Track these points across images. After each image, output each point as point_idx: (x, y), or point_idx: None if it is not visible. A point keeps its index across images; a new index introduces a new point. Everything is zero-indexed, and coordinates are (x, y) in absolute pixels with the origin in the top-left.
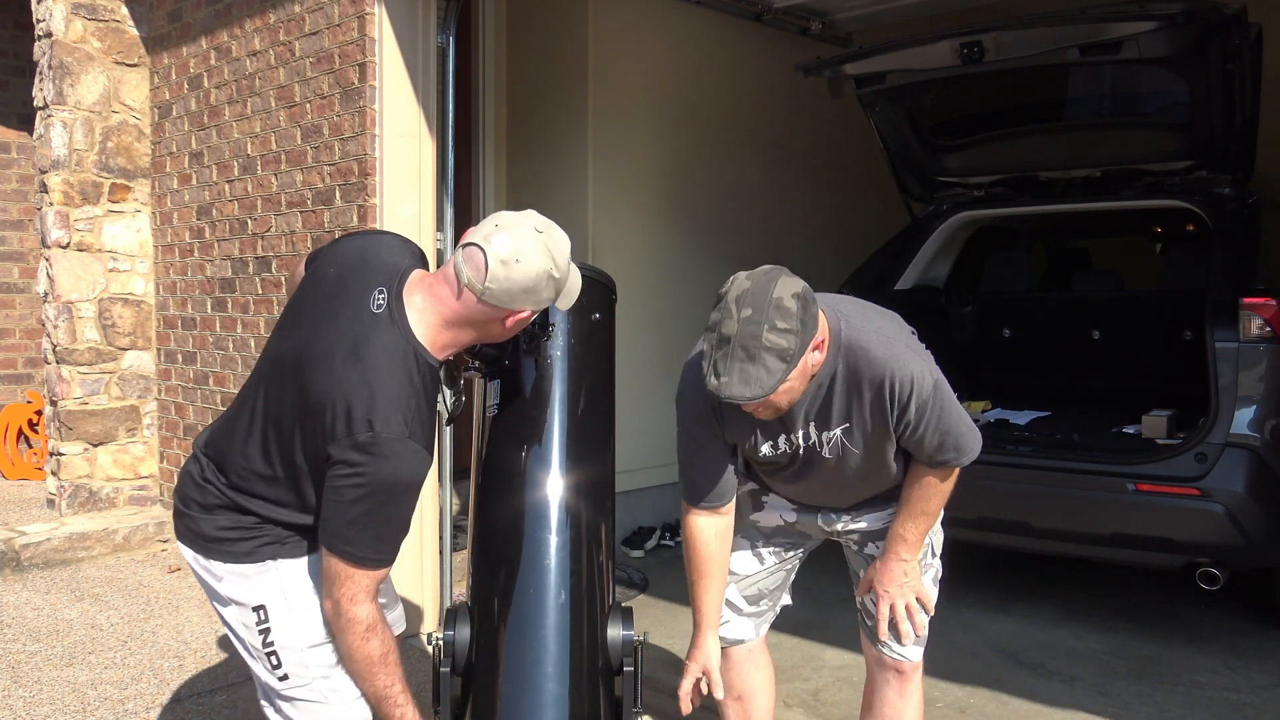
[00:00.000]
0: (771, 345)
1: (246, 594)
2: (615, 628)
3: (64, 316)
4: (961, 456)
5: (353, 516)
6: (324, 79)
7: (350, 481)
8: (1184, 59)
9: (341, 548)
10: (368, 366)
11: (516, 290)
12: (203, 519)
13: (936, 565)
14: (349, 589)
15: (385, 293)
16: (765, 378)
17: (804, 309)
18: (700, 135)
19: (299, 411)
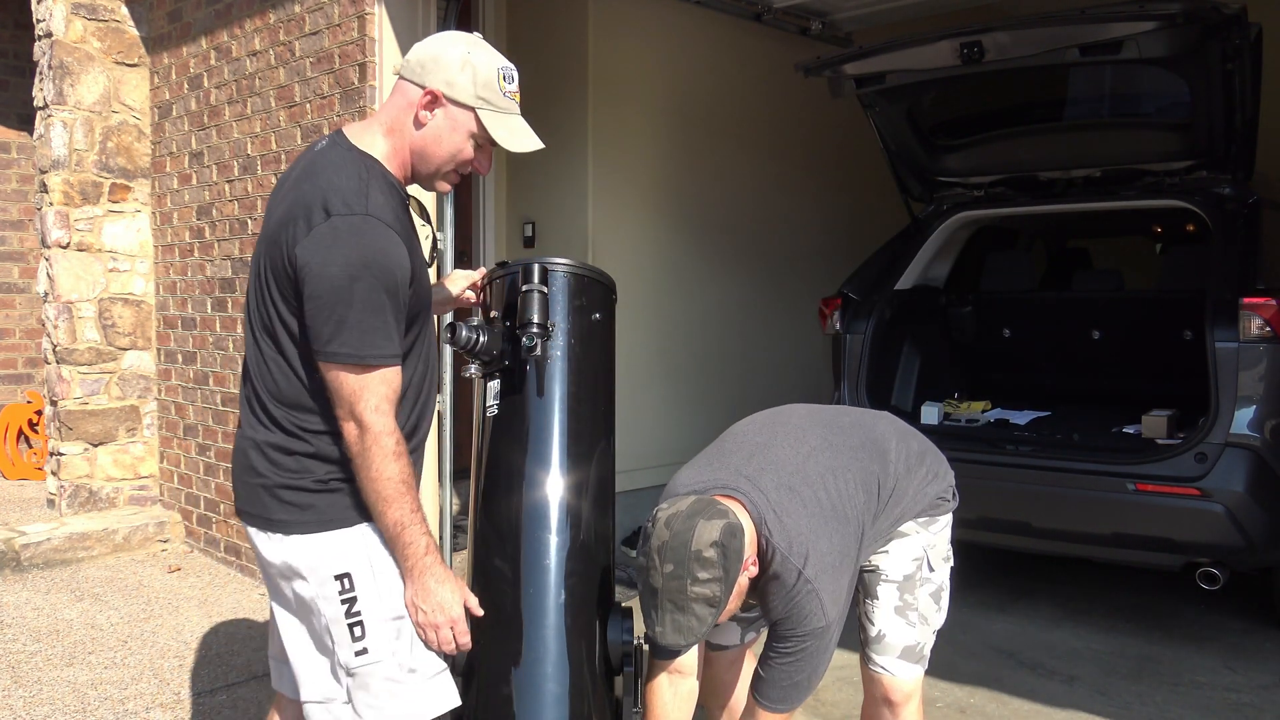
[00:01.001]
0: (697, 596)
1: (328, 562)
2: (615, 628)
3: (64, 316)
4: (783, 705)
5: (340, 313)
6: (324, 79)
7: (323, 272)
8: (1184, 59)
9: (340, 352)
10: (317, 177)
11: (426, 57)
12: (274, 483)
13: (938, 580)
14: (368, 398)
15: (325, 139)
16: (696, 625)
17: (724, 555)
18: (700, 135)
19: (266, 268)
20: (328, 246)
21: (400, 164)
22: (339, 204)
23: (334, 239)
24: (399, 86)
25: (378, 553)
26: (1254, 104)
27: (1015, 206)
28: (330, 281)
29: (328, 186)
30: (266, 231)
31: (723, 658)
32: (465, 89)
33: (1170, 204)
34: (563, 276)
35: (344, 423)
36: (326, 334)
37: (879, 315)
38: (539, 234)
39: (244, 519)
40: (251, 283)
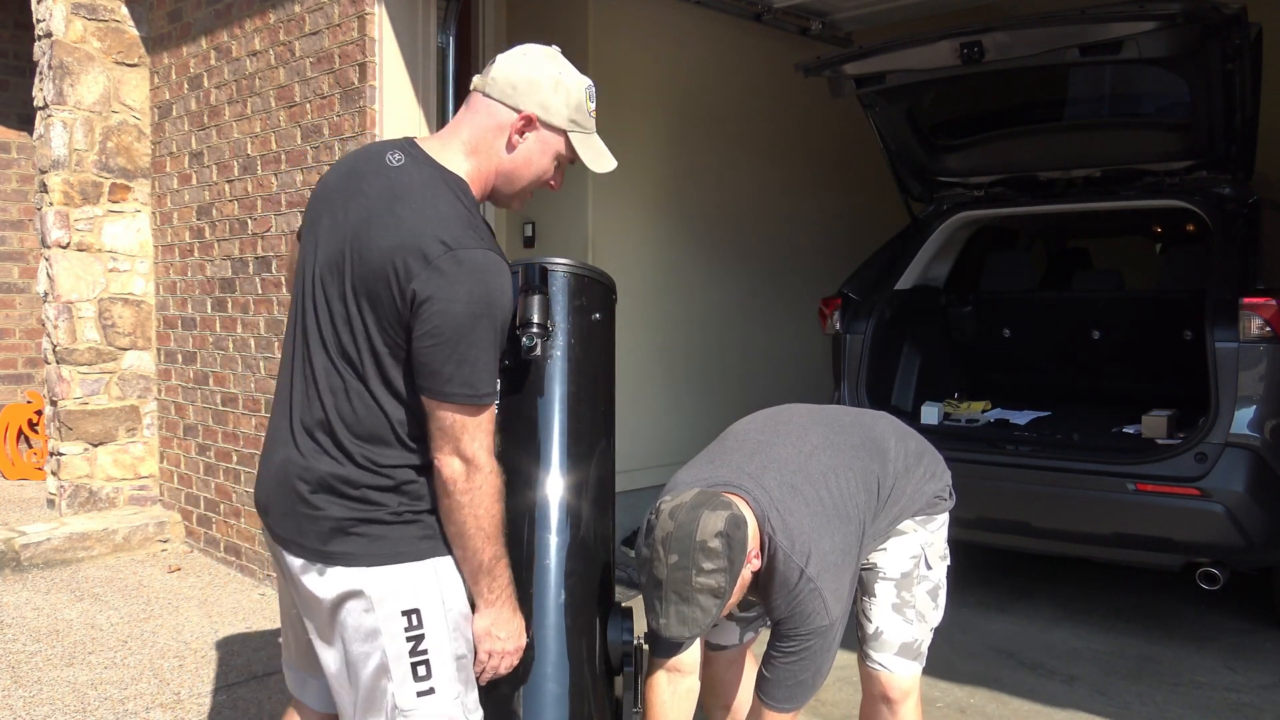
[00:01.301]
0: (702, 587)
1: (396, 596)
2: (615, 628)
3: (64, 316)
4: (788, 704)
5: (463, 352)
6: (324, 79)
7: (448, 309)
8: (1184, 59)
9: (460, 392)
10: (413, 204)
11: (518, 79)
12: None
13: (935, 578)
14: (480, 437)
15: (400, 151)
16: (701, 616)
17: (728, 545)
18: (700, 135)
19: (359, 295)
20: (452, 282)
21: (482, 185)
22: (456, 235)
23: (458, 274)
24: (484, 105)
25: (450, 589)
26: (1254, 104)
27: (1015, 206)
28: (455, 319)
29: (436, 215)
30: (346, 249)
31: (722, 657)
32: (560, 112)
33: (1170, 204)
34: (563, 277)
35: (447, 458)
36: (447, 373)
37: (879, 315)
38: (539, 234)
39: (290, 549)
40: (321, 305)
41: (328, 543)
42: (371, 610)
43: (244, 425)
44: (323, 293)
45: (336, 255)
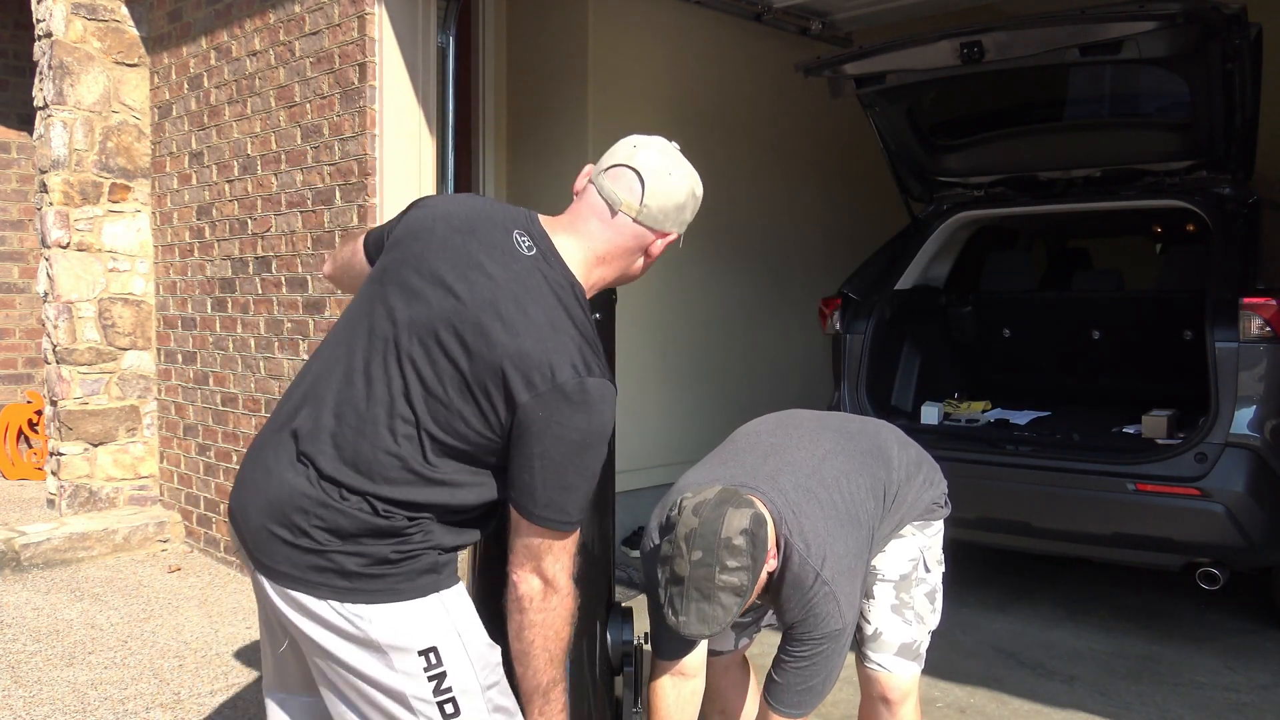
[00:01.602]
0: (725, 584)
1: (409, 637)
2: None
3: (64, 316)
4: (798, 710)
5: (567, 479)
6: (324, 79)
7: (563, 435)
8: (1184, 59)
9: (555, 516)
10: (545, 312)
11: (670, 207)
12: (338, 551)
13: (932, 581)
14: (564, 560)
15: (528, 235)
16: (721, 614)
17: (752, 543)
18: (700, 135)
19: (466, 379)
20: (574, 409)
21: (595, 288)
22: (582, 364)
23: (582, 403)
24: (630, 229)
25: (462, 620)
26: (1254, 104)
27: (1015, 206)
28: (568, 446)
29: (568, 333)
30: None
31: (718, 663)
32: (689, 220)
33: (1170, 204)
34: None
35: (526, 575)
36: (546, 497)
37: (879, 315)
38: None
39: (278, 580)
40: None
41: (331, 579)
42: (384, 656)
43: (244, 425)
44: (410, 348)
45: (444, 322)
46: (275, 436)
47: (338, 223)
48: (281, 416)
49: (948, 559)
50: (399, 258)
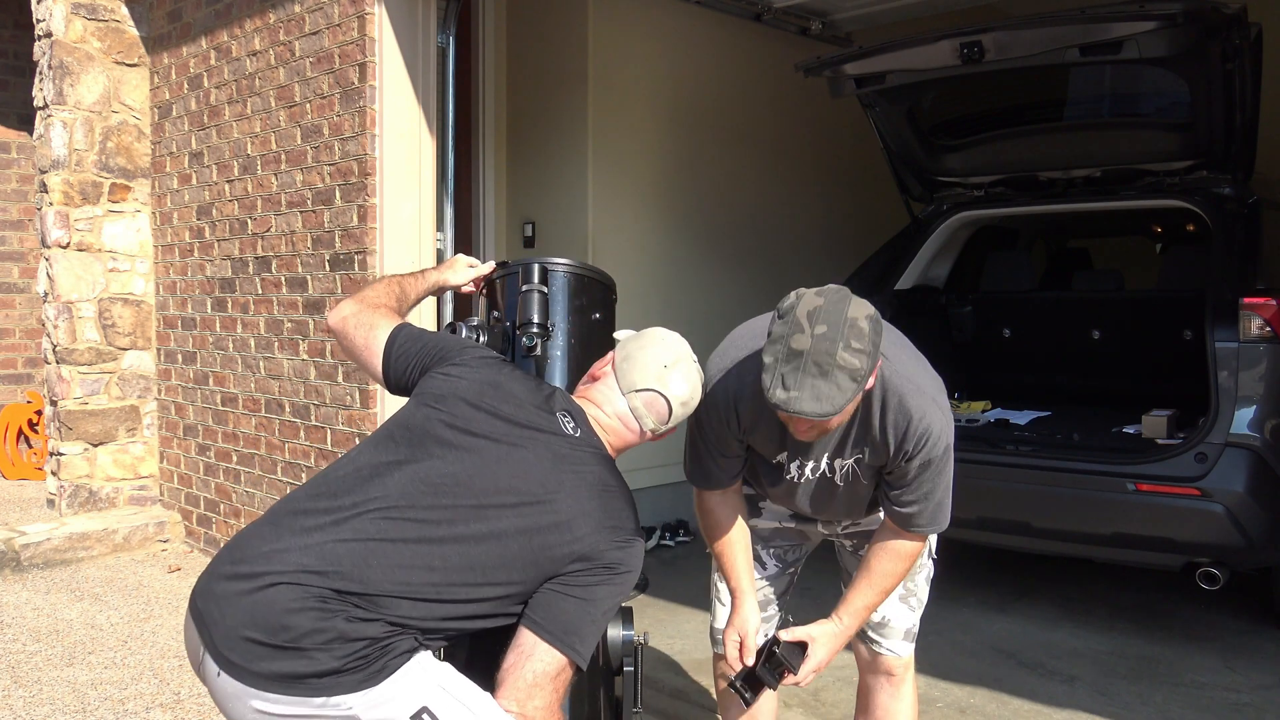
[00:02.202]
0: (845, 364)
1: (397, 708)
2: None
3: (64, 316)
4: (930, 527)
5: (598, 616)
6: (324, 79)
7: (610, 580)
8: (1184, 59)
9: (575, 648)
10: (593, 482)
11: (691, 400)
12: (316, 653)
13: (929, 564)
14: (560, 688)
15: (569, 416)
16: (836, 395)
17: (875, 332)
18: (700, 135)
19: (517, 536)
20: (622, 565)
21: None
22: (630, 527)
23: (628, 561)
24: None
25: (440, 674)
26: (1254, 104)
27: (1015, 206)
28: (609, 593)
29: (613, 500)
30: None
31: None
32: None
33: (1170, 204)
34: (563, 276)
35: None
36: (583, 629)
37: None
38: (539, 234)
39: (246, 679)
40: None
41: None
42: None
43: (244, 425)
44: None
45: (495, 487)
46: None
47: (338, 223)
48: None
49: (952, 553)
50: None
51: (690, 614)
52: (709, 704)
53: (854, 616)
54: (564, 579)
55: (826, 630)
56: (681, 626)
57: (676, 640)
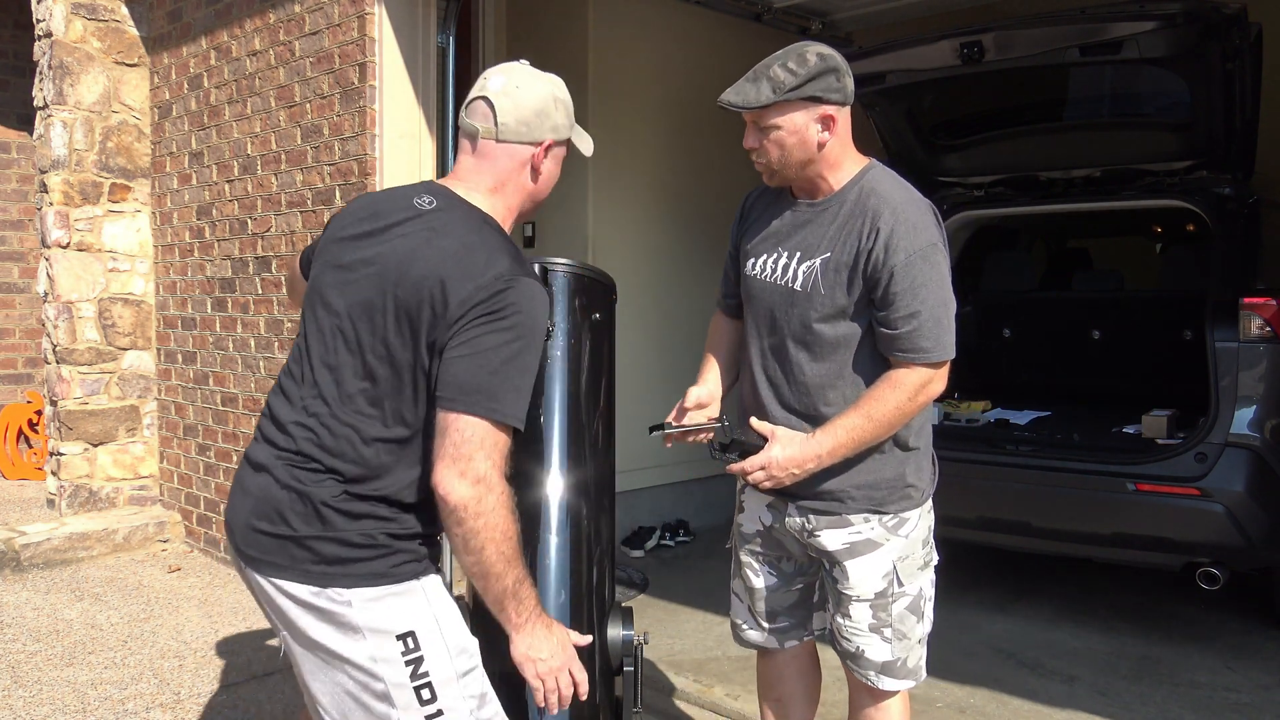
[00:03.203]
0: (773, 75)
1: (389, 620)
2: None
3: (64, 316)
4: (930, 354)
5: (495, 365)
6: (324, 79)
7: (491, 326)
8: (1184, 59)
9: (486, 405)
10: (457, 234)
11: (529, 115)
12: (316, 538)
13: (912, 590)
14: (494, 455)
15: (427, 194)
16: (751, 92)
17: (822, 66)
18: (700, 135)
19: (400, 328)
20: (504, 301)
21: (510, 219)
22: (504, 263)
23: (511, 294)
24: (500, 150)
25: (441, 608)
26: (1254, 104)
27: (1015, 206)
28: (501, 337)
29: (480, 242)
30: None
31: (785, 652)
32: (565, 126)
33: (1170, 204)
34: (563, 276)
35: (456, 481)
36: (476, 383)
37: None
38: (539, 234)
39: (265, 570)
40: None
41: (311, 564)
42: (363, 639)
43: (244, 425)
44: (353, 331)
45: (375, 295)
46: (256, 447)
47: None
48: (261, 422)
49: (940, 552)
50: (324, 260)
51: (690, 614)
52: (709, 704)
53: (829, 433)
54: (448, 347)
55: (793, 434)
56: (681, 626)
57: (676, 640)
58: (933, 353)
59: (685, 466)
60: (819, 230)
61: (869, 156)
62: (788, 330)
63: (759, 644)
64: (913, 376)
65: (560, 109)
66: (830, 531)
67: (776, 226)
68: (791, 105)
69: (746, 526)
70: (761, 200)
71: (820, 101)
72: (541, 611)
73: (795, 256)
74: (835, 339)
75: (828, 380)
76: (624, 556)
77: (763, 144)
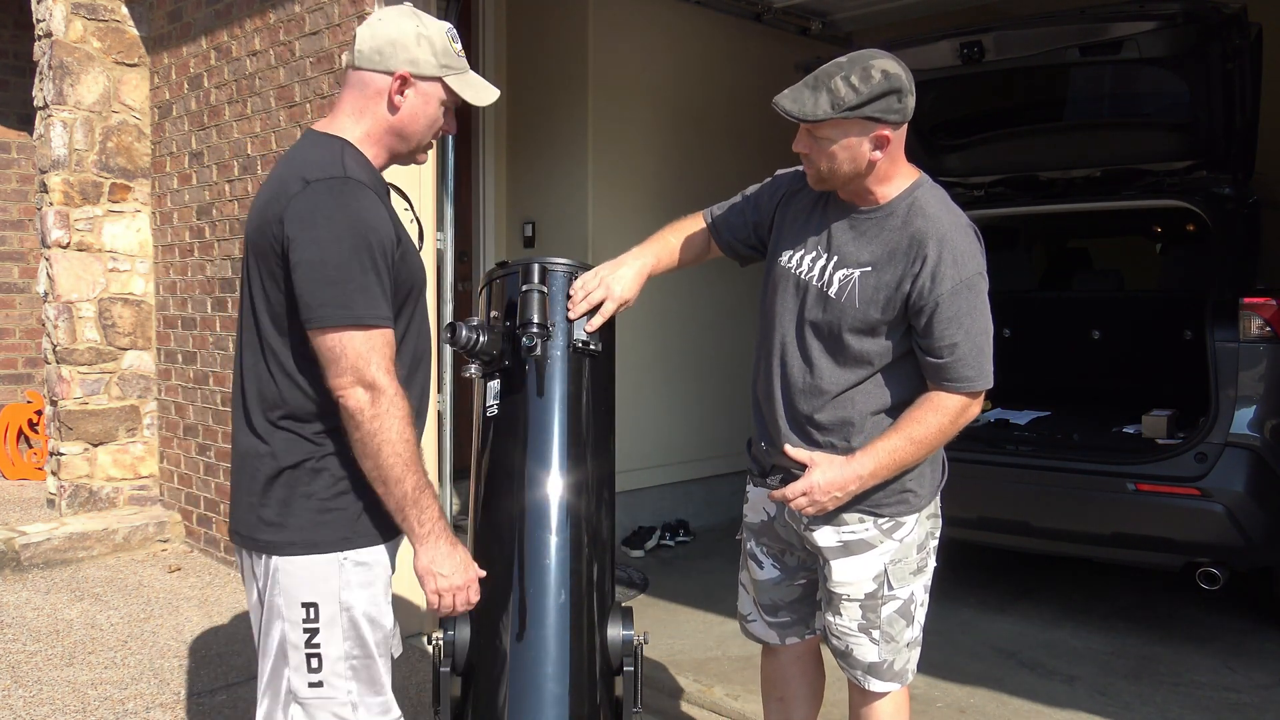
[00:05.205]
0: (834, 89)
1: (300, 588)
2: (615, 628)
3: (64, 316)
4: (975, 382)
5: (332, 274)
6: (324, 79)
7: (310, 235)
8: (1184, 59)
9: (337, 313)
10: (290, 160)
11: (383, 43)
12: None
13: (903, 595)
14: (375, 359)
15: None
16: (809, 103)
17: (885, 86)
18: (700, 135)
19: (259, 267)
20: (310, 210)
21: (377, 150)
22: (315, 171)
23: (315, 202)
24: (357, 78)
25: (352, 588)
26: (1254, 104)
27: (1015, 206)
28: (318, 244)
29: (301, 161)
30: (249, 235)
31: (789, 650)
32: (429, 63)
33: (1170, 204)
34: (563, 276)
35: (347, 389)
36: (322, 297)
37: None
38: (539, 234)
39: (234, 539)
40: (243, 292)
41: (257, 531)
42: (281, 595)
43: None
44: (245, 279)
45: (249, 236)
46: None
47: None
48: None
49: (940, 557)
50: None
51: (690, 614)
52: (709, 704)
53: (870, 455)
54: (291, 255)
55: (834, 458)
56: (681, 626)
57: (676, 640)
58: (976, 381)
59: (686, 466)
60: (862, 242)
61: (919, 170)
62: (814, 331)
63: (763, 638)
64: (953, 400)
65: (424, 45)
66: (826, 529)
67: (819, 224)
68: (848, 123)
69: (751, 518)
70: (807, 190)
71: (878, 122)
72: (447, 528)
73: (833, 261)
74: (860, 352)
75: (844, 389)
76: (624, 556)
77: (813, 151)
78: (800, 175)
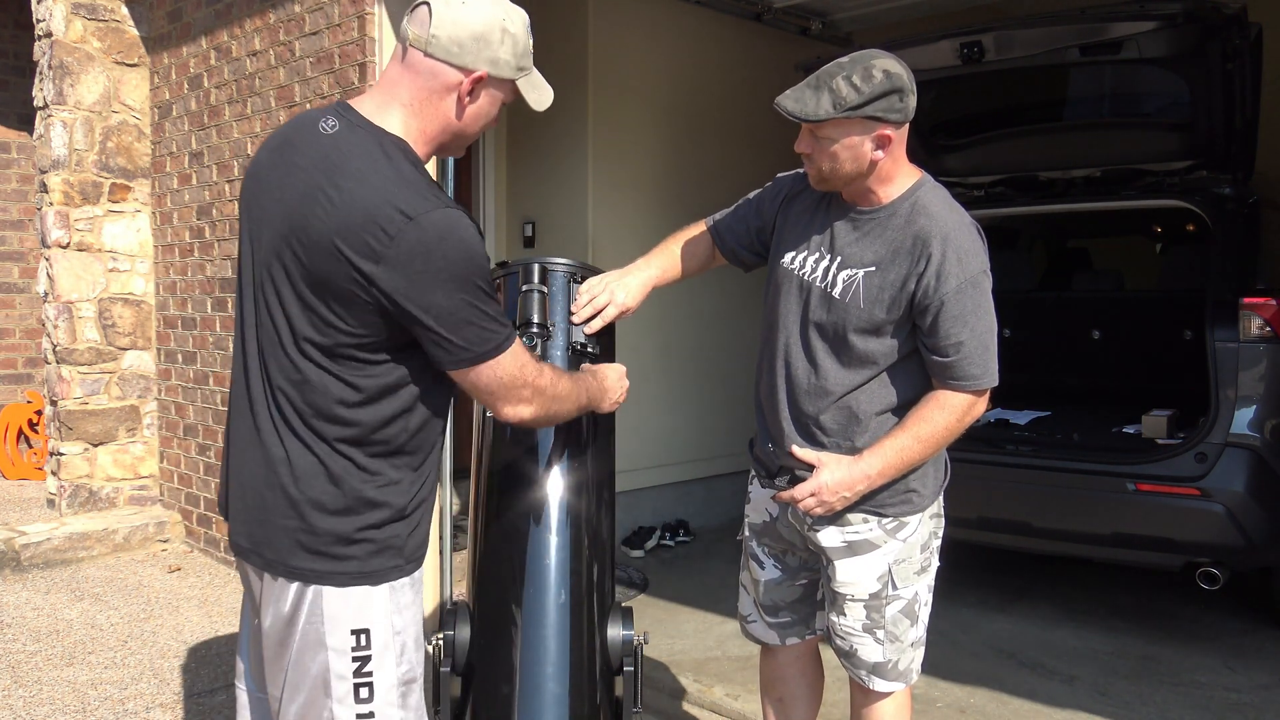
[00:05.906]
0: (835, 88)
1: (348, 615)
2: (615, 628)
3: (64, 316)
4: (980, 380)
5: (464, 314)
6: (324, 79)
7: (430, 284)
8: (1184, 59)
9: (485, 351)
10: (354, 174)
11: (465, 36)
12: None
13: (907, 595)
14: (526, 367)
15: (333, 117)
16: (811, 103)
17: (887, 86)
18: (700, 135)
19: (313, 282)
20: (424, 255)
21: (427, 150)
22: (411, 202)
23: (428, 247)
24: (426, 66)
25: (402, 613)
26: (1254, 104)
27: (1015, 206)
28: (443, 290)
29: (382, 183)
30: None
31: (789, 650)
32: (508, 64)
33: (1170, 204)
34: (563, 277)
35: (509, 410)
36: (461, 339)
37: None
38: (539, 234)
39: (251, 559)
40: (273, 297)
41: (295, 558)
42: (326, 623)
43: None
44: (273, 284)
45: (280, 240)
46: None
47: None
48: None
49: (943, 556)
50: (241, 209)
51: (690, 614)
52: (709, 704)
53: (878, 454)
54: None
55: (841, 458)
56: (681, 626)
57: (676, 640)
58: (982, 379)
59: (686, 466)
60: (865, 242)
61: (921, 170)
62: (818, 332)
63: (763, 639)
64: (959, 399)
65: (507, 43)
66: (830, 529)
67: (821, 225)
68: (850, 122)
69: (753, 518)
70: (809, 192)
71: (879, 121)
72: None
73: (836, 261)
74: (865, 352)
75: (849, 389)
76: (624, 556)
77: (815, 151)
78: (801, 177)
